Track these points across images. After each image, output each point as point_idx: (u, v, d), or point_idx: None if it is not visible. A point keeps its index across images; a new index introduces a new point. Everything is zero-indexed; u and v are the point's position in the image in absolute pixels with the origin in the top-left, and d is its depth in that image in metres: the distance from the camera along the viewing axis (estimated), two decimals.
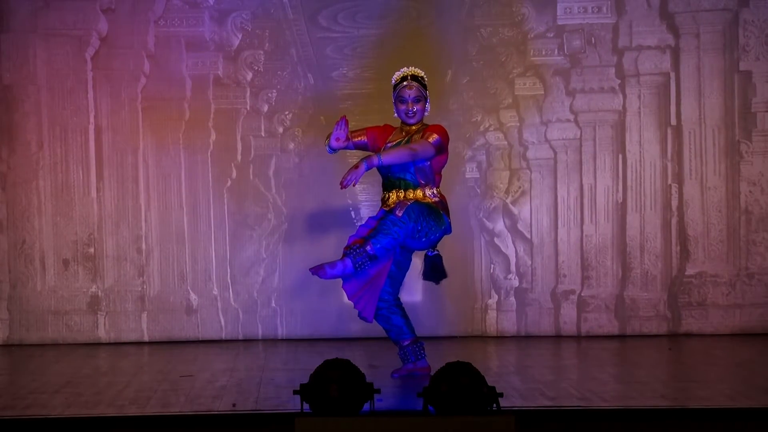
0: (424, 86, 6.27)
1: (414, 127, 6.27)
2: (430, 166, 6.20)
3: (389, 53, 8.14)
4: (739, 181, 8.15)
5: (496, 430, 4.48)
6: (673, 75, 8.18)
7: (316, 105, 8.35)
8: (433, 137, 6.12)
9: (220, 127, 8.27)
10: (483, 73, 8.30)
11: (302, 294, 8.30)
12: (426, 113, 6.28)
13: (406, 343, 6.31)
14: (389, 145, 6.24)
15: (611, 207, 8.26)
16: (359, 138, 6.33)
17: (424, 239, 6.12)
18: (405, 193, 6.20)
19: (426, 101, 6.27)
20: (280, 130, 8.36)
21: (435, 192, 6.23)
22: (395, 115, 6.32)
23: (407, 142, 6.20)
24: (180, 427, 5.14)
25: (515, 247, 8.35)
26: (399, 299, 6.37)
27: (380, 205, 6.36)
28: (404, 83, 6.26)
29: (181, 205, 8.24)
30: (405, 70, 6.32)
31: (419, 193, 6.19)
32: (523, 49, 8.25)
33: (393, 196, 6.23)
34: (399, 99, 6.27)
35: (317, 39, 8.28)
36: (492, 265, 8.33)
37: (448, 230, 6.24)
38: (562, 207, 8.30)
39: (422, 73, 6.32)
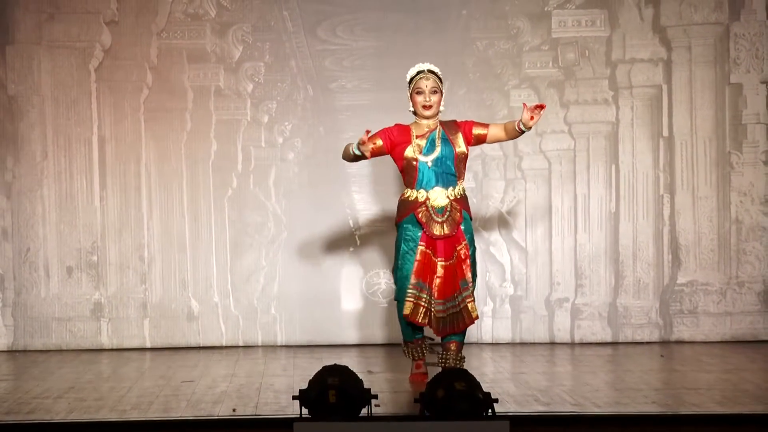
0: (441, 80, 6.32)
1: (432, 122, 6.28)
2: (465, 159, 6.31)
3: (387, 65, 8.21)
4: (730, 191, 8.19)
5: None
6: (665, 87, 8.23)
7: (316, 116, 8.39)
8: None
9: (221, 138, 8.30)
10: (479, 85, 8.34)
11: (301, 301, 8.32)
12: (441, 109, 6.33)
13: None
14: (418, 140, 6.21)
15: (604, 216, 8.30)
16: (375, 141, 6.24)
17: None
18: (447, 191, 6.24)
19: (442, 95, 6.31)
20: (280, 140, 8.38)
21: (463, 185, 6.34)
22: (410, 108, 6.34)
23: (442, 138, 6.22)
24: None
25: (510, 256, 8.38)
26: None
27: (402, 208, 6.32)
28: (421, 75, 6.28)
29: (183, 214, 8.26)
30: (421, 65, 6.34)
31: (458, 189, 6.28)
32: (518, 61, 8.30)
33: (436, 195, 6.22)
34: (416, 90, 6.27)
35: (316, 51, 8.30)
36: (487, 273, 8.35)
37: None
38: (556, 216, 8.33)
39: (438, 70, 6.35)
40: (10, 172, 8.20)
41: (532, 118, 6.03)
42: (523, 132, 6.15)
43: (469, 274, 6.25)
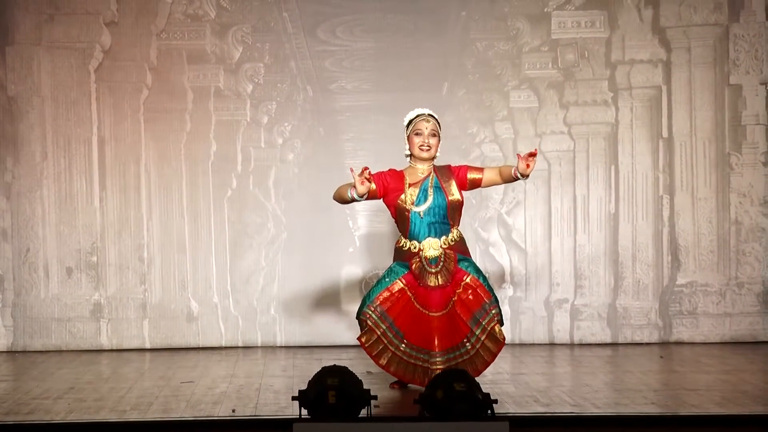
0: (439, 126, 6.24)
1: (426, 167, 6.18)
2: (461, 206, 6.22)
3: (387, 66, 8.25)
4: (729, 192, 8.23)
5: None
6: (664, 88, 8.26)
7: (315, 117, 8.42)
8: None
9: (220, 138, 8.33)
10: (478, 86, 8.37)
11: (301, 302, 8.36)
12: (437, 155, 6.22)
13: None
14: (411, 189, 6.12)
15: (604, 217, 8.33)
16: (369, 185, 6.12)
17: None
18: (441, 241, 6.14)
19: (439, 140, 6.21)
20: (280, 141, 8.42)
21: (459, 232, 6.24)
22: (406, 151, 6.24)
23: (435, 186, 6.13)
24: None
25: (510, 257, 8.42)
26: None
27: (397, 255, 6.22)
28: (421, 117, 6.19)
29: (183, 215, 8.29)
30: (420, 110, 6.24)
31: (451, 237, 6.17)
32: (518, 62, 8.33)
33: (428, 246, 6.13)
34: (415, 132, 6.17)
35: (316, 52, 8.33)
36: (486, 274, 8.33)
37: None
38: (556, 217, 8.36)
39: (437, 116, 6.27)
40: (10, 173, 8.22)
41: (528, 166, 5.97)
42: (519, 179, 6.10)
43: (487, 298, 6.12)
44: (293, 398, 4.78)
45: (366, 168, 6.01)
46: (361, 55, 8.36)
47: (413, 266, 6.14)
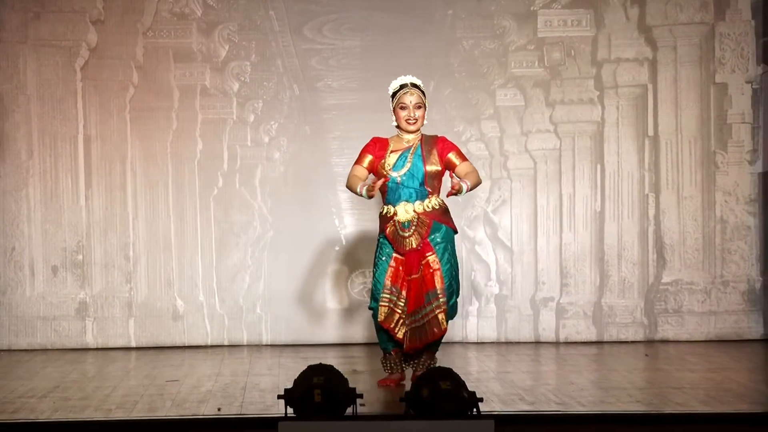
0: (424, 94, 6.25)
1: (413, 136, 6.23)
2: (439, 176, 6.24)
3: (373, 65, 8.25)
4: (715, 190, 8.26)
5: None
6: (650, 87, 8.29)
7: (302, 115, 8.42)
8: (466, 160, 6.30)
9: (206, 137, 8.32)
10: (465, 85, 8.39)
11: (287, 300, 8.36)
12: (425, 122, 6.25)
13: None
14: (392, 155, 6.19)
15: (589, 216, 8.36)
16: (368, 165, 6.24)
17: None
18: (414, 206, 6.16)
19: (425, 109, 6.25)
20: (266, 139, 8.41)
21: (439, 200, 6.25)
22: (393, 122, 6.28)
23: (416, 153, 6.17)
24: (166, 431, 5.21)
25: (496, 255, 8.43)
26: None
27: (380, 222, 6.27)
28: (405, 89, 6.18)
29: (169, 213, 8.28)
30: (403, 78, 6.25)
31: (427, 203, 6.19)
32: (504, 61, 8.34)
33: (402, 210, 6.16)
34: (399, 105, 6.18)
35: (303, 50, 8.34)
36: (473, 273, 8.41)
37: (455, 231, 6.35)
38: (542, 216, 8.39)
39: (420, 82, 6.27)
40: None
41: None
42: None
43: (439, 285, 6.16)
44: (279, 397, 4.78)
45: (375, 182, 6.10)
46: (347, 54, 8.36)
47: (387, 230, 6.20)
